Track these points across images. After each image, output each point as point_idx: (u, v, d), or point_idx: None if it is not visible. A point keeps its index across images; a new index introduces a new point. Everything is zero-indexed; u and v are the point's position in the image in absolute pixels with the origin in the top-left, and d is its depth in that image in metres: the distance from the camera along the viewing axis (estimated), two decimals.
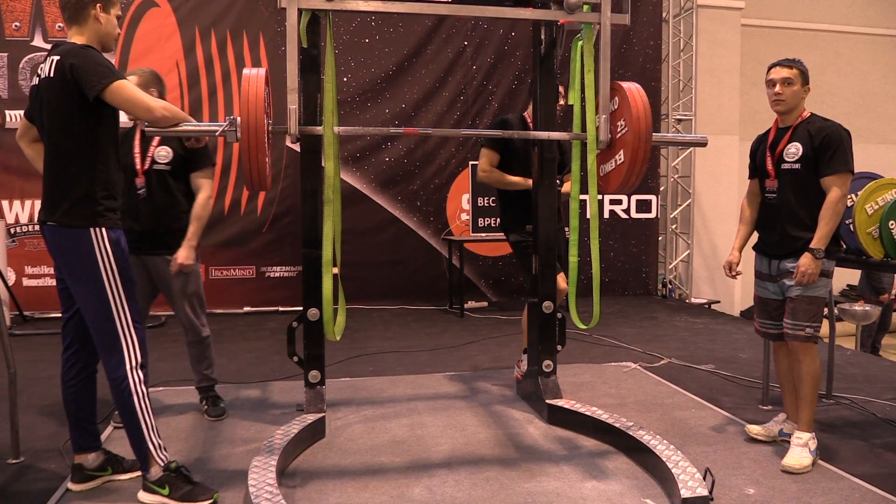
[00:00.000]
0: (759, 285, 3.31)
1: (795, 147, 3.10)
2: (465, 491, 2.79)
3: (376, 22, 7.11)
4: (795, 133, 3.13)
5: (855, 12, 9.63)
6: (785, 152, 3.13)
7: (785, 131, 3.18)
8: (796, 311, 3.09)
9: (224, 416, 3.67)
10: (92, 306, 2.57)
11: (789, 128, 3.17)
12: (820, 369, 3.13)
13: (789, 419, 3.32)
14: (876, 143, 9.43)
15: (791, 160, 3.11)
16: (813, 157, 3.05)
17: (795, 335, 3.10)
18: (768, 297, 3.26)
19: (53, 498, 2.70)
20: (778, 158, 3.15)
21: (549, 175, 3.74)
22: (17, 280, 6.50)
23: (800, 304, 3.08)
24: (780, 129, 3.21)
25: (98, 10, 2.59)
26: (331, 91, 2.92)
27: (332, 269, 2.88)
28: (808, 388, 3.10)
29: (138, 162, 3.46)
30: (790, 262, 3.11)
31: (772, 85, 3.14)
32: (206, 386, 3.75)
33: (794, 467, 2.98)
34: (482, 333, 5.90)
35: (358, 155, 7.16)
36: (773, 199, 3.20)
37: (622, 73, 7.32)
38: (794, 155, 3.10)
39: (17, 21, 6.48)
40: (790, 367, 3.26)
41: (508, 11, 3.30)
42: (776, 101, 3.14)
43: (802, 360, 3.10)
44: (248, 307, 6.94)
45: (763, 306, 3.31)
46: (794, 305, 3.10)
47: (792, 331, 3.10)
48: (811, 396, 3.10)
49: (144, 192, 3.45)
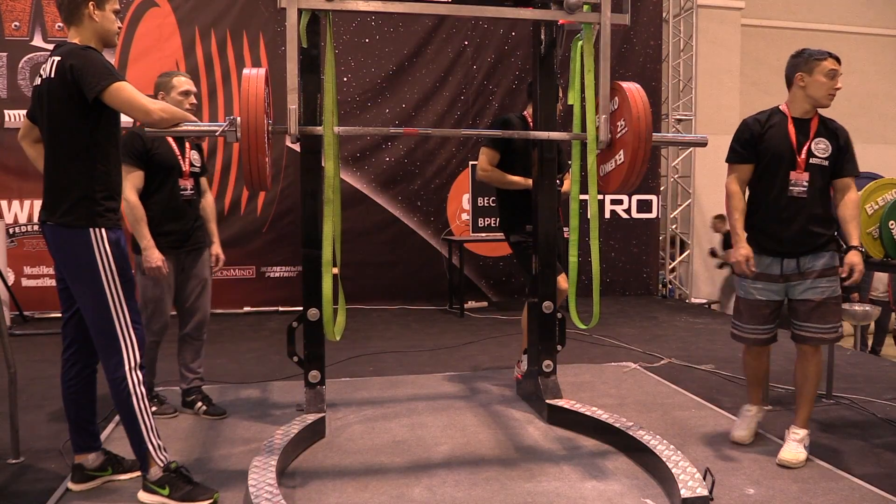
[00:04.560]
0: (753, 288, 3.14)
1: (824, 143, 3.05)
2: (465, 491, 2.79)
3: (376, 22, 7.11)
4: (819, 129, 3.07)
5: (855, 12, 9.64)
6: (814, 147, 3.04)
7: (805, 124, 3.07)
8: (827, 314, 3.03)
9: (225, 414, 3.68)
10: (91, 306, 2.57)
11: (808, 121, 3.07)
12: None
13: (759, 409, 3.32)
14: (876, 143, 9.43)
15: (822, 156, 3.04)
16: (835, 156, 3.03)
17: (829, 338, 3.06)
18: (768, 298, 3.12)
19: (53, 498, 2.70)
20: (807, 152, 3.04)
21: (549, 175, 3.74)
22: (17, 280, 6.50)
23: (829, 306, 3.04)
24: (800, 120, 3.08)
25: (92, 9, 2.58)
26: (331, 91, 2.92)
27: (332, 269, 2.89)
28: (814, 387, 3.12)
29: (184, 164, 3.56)
30: (811, 260, 3.03)
31: (832, 76, 3.02)
32: (197, 386, 3.75)
33: (791, 462, 2.99)
34: (482, 333, 5.90)
35: (358, 155, 7.16)
36: (799, 193, 3.04)
37: (622, 73, 7.32)
38: (825, 151, 3.04)
39: (17, 21, 6.48)
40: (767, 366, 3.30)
41: (508, 11, 3.30)
42: (832, 95, 3.03)
43: (813, 359, 3.09)
44: (248, 307, 6.95)
45: (757, 311, 3.15)
46: (823, 309, 3.03)
47: (824, 334, 3.04)
48: (814, 394, 3.13)
49: (192, 193, 3.61)
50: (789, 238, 3.05)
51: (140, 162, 3.39)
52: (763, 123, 3.12)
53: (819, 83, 3.02)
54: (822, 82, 3.02)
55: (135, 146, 3.37)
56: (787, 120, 3.10)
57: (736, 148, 3.17)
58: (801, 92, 3.06)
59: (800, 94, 3.07)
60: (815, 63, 3.02)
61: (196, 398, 3.72)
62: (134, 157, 3.37)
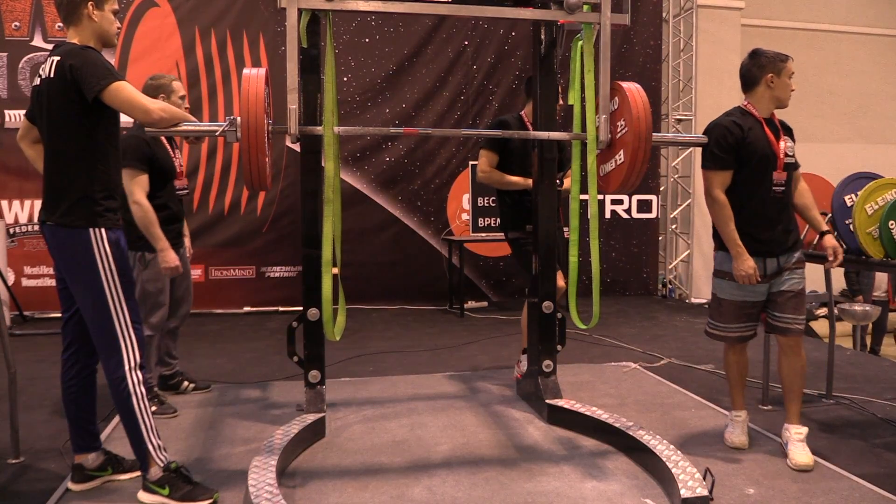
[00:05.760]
0: (740, 289, 3.11)
1: (789, 141, 3.15)
2: (465, 491, 2.79)
3: (376, 22, 7.11)
4: (783, 127, 3.18)
5: (855, 12, 9.62)
6: (787, 146, 3.12)
7: (772, 124, 3.15)
8: (800, 305, 3.11)
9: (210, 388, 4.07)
10: (91, 306, 2.57)
11: (772, 121, 3.15)
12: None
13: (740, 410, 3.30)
14: (876, 143, 9.42)
15: (791, 154, 3.13)
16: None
17: (798, 328, 3.11)
18: (755, 300, 3.13)
19: (53, 498, 2.70)
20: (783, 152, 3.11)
21: (549, 175, 3.74)
22: (16, 280, 6.50)
23: (801, 296, 3.12)
24: (767, 121, 3.15)
25: (91, 10, 2.58)
26: (331, 91, 2.92)
27: (331, 269, 2.89)
28: (804, 380, 3.16)
29: (178, 164, 3.74)
30: (788, 257, 3.11)
31: (791, 77, 3.12)
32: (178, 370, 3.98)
33: (809, 464, 2.98)
34: (482, 333, 5.90)
35: (358, 155, 7.16)
36: (780, 193, 3.10)
37: (622, 73, 7.32)
38: (792, 149, 3.15)
39: (17, 21, 6.48)
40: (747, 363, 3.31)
41: (508, 11, 3.30)
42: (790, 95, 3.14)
43: (797, 354, 3.13)
44: (248, 307, 6.94)
45: (742, 310, 3.15)
46: (798, 299, 3.11)
47: (795, 325, 3.11)
48: (802, 388, 3.18)
49: (185, 192, 3.82)
50: (774, 238, 3.10)
51: (146, 165, 3.50)
52: (742, 126, 3.07)
53: (785, 84, 3.10)
54: (787, 83, 3.10)
55: (142, 150, 3.48)
56: (759, 121, 3.12)
57: (716, 154, 3.07)
58: (768, 92, 3.11)
59: (767, 95, 3.12)
60: (781, 65, 3.09)
61: (180, 379, 3.95)
62: (141, 161, 3.48)
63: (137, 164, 3.45)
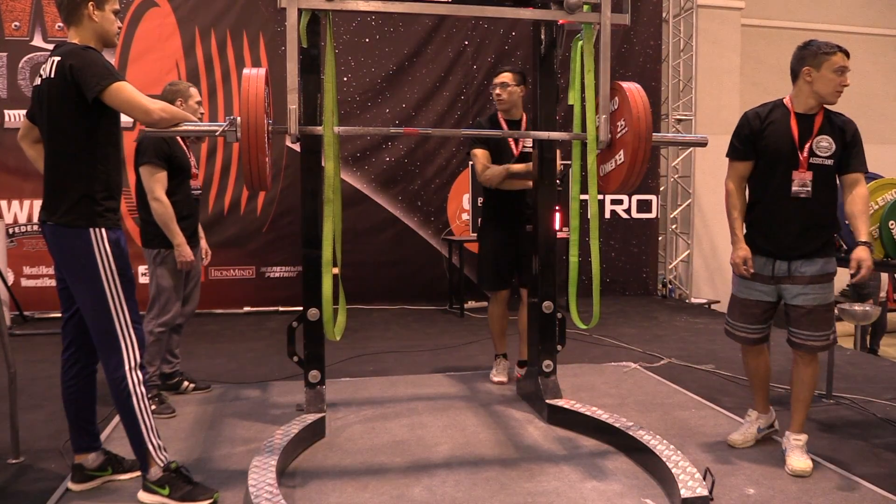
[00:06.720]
0: (745, 286, 3.09)
1: (828, 141, 2.91)
2: (465, 491, 2.79)
3: (376, 22, 7.11)
4: (824, 125, 2.93)
5: (855, 12, 9.63)
6: (816, 145, 2.91)
7: (809, 120, 2.93)
8: (818, 322, 2.96)
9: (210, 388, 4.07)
10: (91, 306, 2.57)
11: (813, 117, 2.93)
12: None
13: (761, 415, 3.28)
14: (876, 143, 9.35)
15: (823, 155, 2.91)
16: (839, 153, 2.92)
17: (819, 346, 2.99)
18: (758, 299, 3.07)
19: (53, 498, 2.70)
20: (809, 150, 2.92)
21: (550, 175, 3.75)
22: (16, 280, 6.50)
23: (819, 313, 2.96)
24: (803, 116, 2.94)
25: (91, 10, 2.58)
26: (331, 91, 2.93)
27: (332, 269, 2.89)
28: (811, 392, 3.08)
29: (193, 164, 3.78)
30: (803, 265, 2.95)
31: (841, 73, 2.87)
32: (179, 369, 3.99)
33: (805, 470, 2.93)
34: (482, 333, 5.89)
35: (358, 155, 7.16)
36: (801, 194, 2.91)
37: (622, 73, 7.32)
38: (827, 150, 2.91)
39: (17, 21, 6.48)
40: (766, 367, 3.22)
41: (508, 11, 3.30)
42: (840, 92, 2.89)
43: (810, 364, 3.04)
44: (248, 307, 6.94)
45: (748, 309, 3.11)
46: (813, 316, 2.95)
47: (815, 342, 2.98)
48: (810, 400, 3.10)
49: (199, 191, 3.88)
50: (786, 240, 2.96)
51: (165, 163, 3.57)
52: (763, 118, 2.99)
53: (827, 79, 2.88)
54: (829, 78, 2.87)
55: (161, 149, 3.55)
56: (789, 115, 2.97)
57: (734, 144, 3.06)
58: (807, 87, 2.92)
59: (805, 89, 2.93)
60: (824, 57, 2.87)
61: (180, 379, 3.96)
62: (161, 160, 3.55)
63: (157, 161, 3.53)
